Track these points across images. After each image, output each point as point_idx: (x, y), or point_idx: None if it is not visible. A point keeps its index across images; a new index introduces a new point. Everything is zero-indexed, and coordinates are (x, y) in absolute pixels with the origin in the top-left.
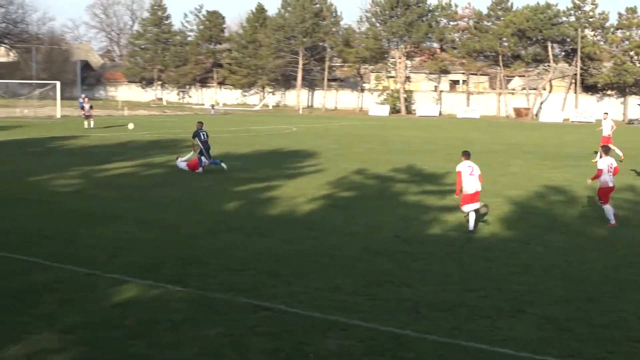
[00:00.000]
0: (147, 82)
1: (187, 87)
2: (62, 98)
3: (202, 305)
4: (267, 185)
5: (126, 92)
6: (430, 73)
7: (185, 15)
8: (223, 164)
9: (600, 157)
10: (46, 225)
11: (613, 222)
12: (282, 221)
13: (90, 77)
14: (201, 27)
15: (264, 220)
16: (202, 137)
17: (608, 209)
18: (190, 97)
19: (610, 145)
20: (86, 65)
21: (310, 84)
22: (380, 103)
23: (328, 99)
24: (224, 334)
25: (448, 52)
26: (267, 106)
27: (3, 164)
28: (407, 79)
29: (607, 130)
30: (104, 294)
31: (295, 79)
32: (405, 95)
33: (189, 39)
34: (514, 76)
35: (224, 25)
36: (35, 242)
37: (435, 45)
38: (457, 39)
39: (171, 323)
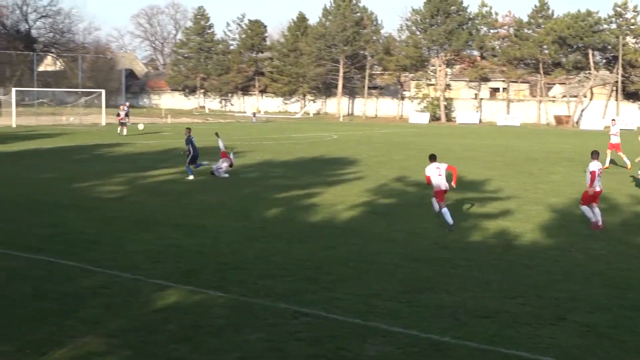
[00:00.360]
0: (190, 90)
1: (229, 95)
2: (107, 106)
3: (243, 311)
4: (308, 192)
5: (169, 100)
6: (471, 81)
7: (228, 24)
8: (205, 163)
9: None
10: (92, 231)
11: (597, 222)
12: (322, 228)
13: (135, 86)
14: (243, 35)
15: (304, 226)
16: (194, 143)
17: (586, 209)
18: (232, 105)
19: (620, 153)
20: (131, 74)
21: (351, 91)
22: (420, 111)
23: (368, 106)
24: (264, 339)
25: (488, 59)
26: (308, 114)
27: (50, 171)
28: (447, 86)
29: (614, 137)
30: (148, 299)
31: (335, 86)
32: (445, 103)
33: (231, 47)
34: (554, 84)
35: (266, 34)
36: (81, 248)
37: (476, 53)
38: (498, 47)
39: (213, 328)
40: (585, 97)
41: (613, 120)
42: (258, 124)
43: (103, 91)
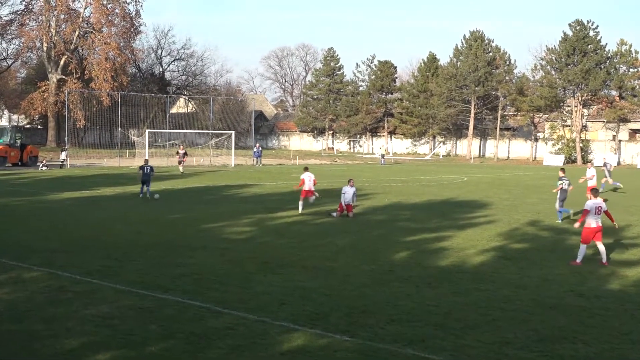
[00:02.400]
0: (319, 132)
1: (358, 136)
2: (237, 147)
3: (369, 356)
4: (437, 235)
5: (298, 142)
6: (609, 122)
7: (357, 65)
8: (156, 196)
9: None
10: (220, 272)
11: (578, 261)
12: (452, 272)
13: (264, 127)
14: (373, 76)
15: (433, 270)
16: (145, 171)
17: (583, 249)
18: (360, 146)
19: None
20: (260, 115)
21: (482, 132)
22: (554, 153)
23: (500, 148)
24: None
25: (628, 99)
26: (438, 156)
27: (180, 212)
28: (584, 127)
29: (590, 180)
30: (274, 341)
31: (466, 127)
32: (581, 145)
33: (361, 88)
34: None
35: (396, 75)
36: (209, 288)
37: (614, 92)
38: (638, 87)
39: None
40: None
41: (589, 162)
42: (386, 166)
43: (233, 132)
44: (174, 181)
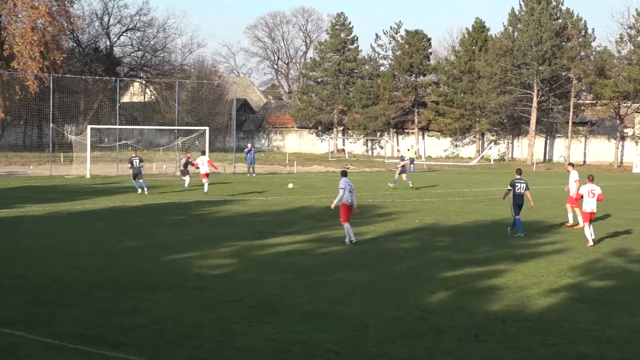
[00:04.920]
0: (324, 128)
1: (378, 134)
2: (212, 149)
3: None
4: (487, 269)
5: (295, 142)
6: None
7: (377, 37)
8: (144, 190)
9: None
10: (189, 321)
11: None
12: (507, 320)
13: (250, 121)
14: (398, 52)
15: (481, 318)
16: (135, 164)
17: (586, 229)
18: (381, 147)
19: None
20: (244, 105)
21: (548, 128)
22: None
23: (573, 149)
24: None
25: None
26: (488, 160)
27: (135, 238)
28: None
29: (572, 188)
30: None
31: (527, 122)
32: None
33: (382, 68)
34: None
35: (430, 50)
36: (174, 343)
37: None
38: None
39: None
40: None
41: (570, 164)
42: (417, 174)
43: (207, 129)
44: (125, 196)
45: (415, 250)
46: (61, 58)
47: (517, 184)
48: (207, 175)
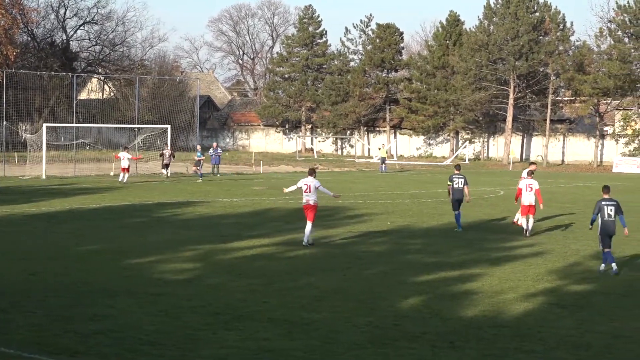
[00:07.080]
0: (292, 126)
1: (348, 132)
2: (175, 148)
3: None
4: (462, 273)
5: (262, 140)
6: None
7: (347, 31)
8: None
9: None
10: (150, 328)
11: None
12: (483, 327)
13: (214, 119)
14: (369, 47)
15: (456, 324)
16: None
17: (523, 220)
18: (351, 146)
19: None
20: (208, 102)
21: (525, 126)
22: (629, 155)
23: (551, 148)
24: None
25: None
26: (462, 159)
27: (94, 242)
28: None
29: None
30: None
31: (503, 119)
32: None
33: (352, 64)
34: None
35: (402, 45)
36: (135, 351)
37: None
38: None
39: None
40: None
41: (531, 166)
42: (389, 175)
43: (169, 127)
44: (83, 197)
45: (387, 253)
46: (14, 53)
47: (454, 179)
48: (127, 169)
